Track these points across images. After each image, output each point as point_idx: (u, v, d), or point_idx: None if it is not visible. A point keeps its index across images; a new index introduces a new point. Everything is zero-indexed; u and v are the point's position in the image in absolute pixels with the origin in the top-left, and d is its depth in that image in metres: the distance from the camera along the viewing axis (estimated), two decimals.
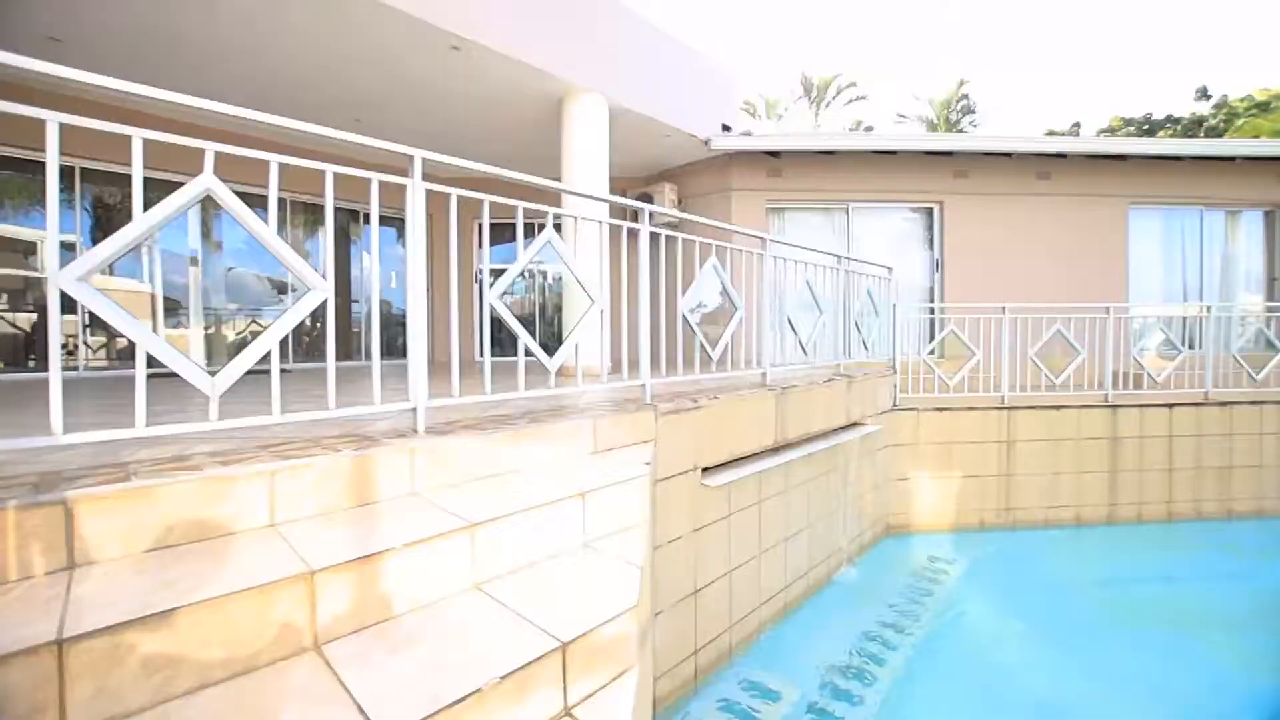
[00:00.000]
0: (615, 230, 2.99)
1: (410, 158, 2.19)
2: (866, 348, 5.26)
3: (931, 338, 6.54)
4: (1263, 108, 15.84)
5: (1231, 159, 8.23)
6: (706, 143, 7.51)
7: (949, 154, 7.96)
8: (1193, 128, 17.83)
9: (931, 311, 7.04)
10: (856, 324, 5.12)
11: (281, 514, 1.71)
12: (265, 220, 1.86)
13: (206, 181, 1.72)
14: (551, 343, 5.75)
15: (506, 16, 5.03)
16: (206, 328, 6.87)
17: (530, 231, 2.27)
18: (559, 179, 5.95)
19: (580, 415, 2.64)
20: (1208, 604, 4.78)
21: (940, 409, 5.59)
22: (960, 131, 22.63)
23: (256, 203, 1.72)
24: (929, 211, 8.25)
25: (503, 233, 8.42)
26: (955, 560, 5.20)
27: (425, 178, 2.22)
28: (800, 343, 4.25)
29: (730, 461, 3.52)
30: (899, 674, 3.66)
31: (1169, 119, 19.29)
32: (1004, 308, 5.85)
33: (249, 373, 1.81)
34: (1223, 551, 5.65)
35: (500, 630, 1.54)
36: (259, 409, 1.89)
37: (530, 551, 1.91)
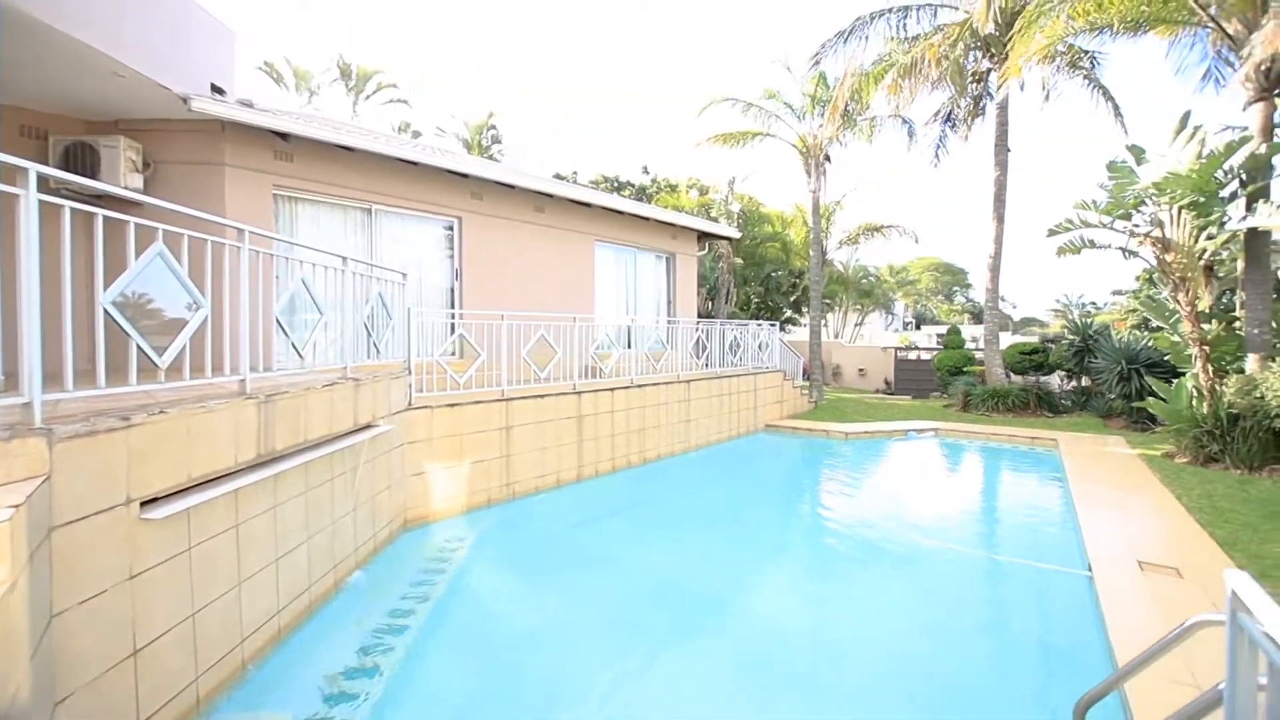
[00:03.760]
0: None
1: None
2: (379, 350, 5.36)
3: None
4: (672, 189, 23.78)
5: (648, 219, 12.00)
6: (185, 101, 6.14)
7: (466, 175, 8.84)
8: (640, 194, 25.08)
9: (452, 316, 7.71)
10: (367, 327, 5.15)
11: None
12: None
13: None
14: None
15: None
16: None
17: None
18: None
19: None
20: (640, 525, 6.89)
21: (452, 405, 6.20)
22: (490, 157, 25.36)
23: None
24: (451, 224, 8.98)
25: None
26: (465, 538, 5.88)
27: None
28: (294, 346, 3.99)
29: (193, 485, 3.02)
30: (407, 654, 3.89)
31: (628, 183, 26.54)
32: (503, 315, 6.93)
33: None
34: (644, 486, 8.24)
35: None
36: None
37: None
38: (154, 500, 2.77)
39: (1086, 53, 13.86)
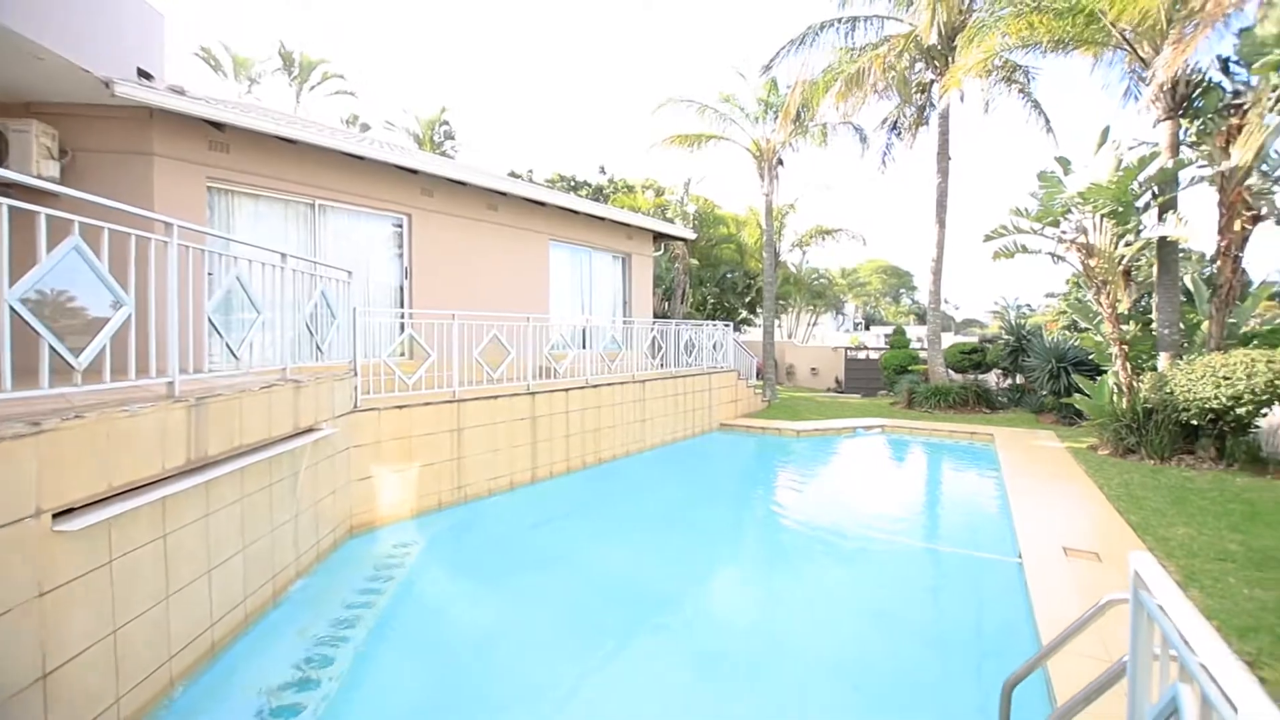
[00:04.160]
0: None
1: None
2: (321, 350, 5.17)
3: None
4: (629, 189, 23.82)
5: (604, 219, 11.99)
6: (108, 85, 5.77)
7: (415, 171, 8.63)
8: (596, 193, 25.04)
9: (401, 316, 7.51)
10: (309, 326, 4.96)
11: None
12: None
13: None
14: None
15: None
16: None
17: None
18: None
19: None
20: (596, 525, 6.86)
21: (401, 406, 6.03)
22: (443, 153, 24.81)
23: None
24: (401, 221, 8.74)
25: None
26: (415, 542, 5.73)
27: None
28: (229, 346, 3.81)
29: (114, 495, 2.84)
30: (353, 664, 3.77)
31: (585, 183, 26.44)
32: (454, 315, 6.80)
33: None
34: (599, 486, 8.22)
35: None
36: None
37: None
38: (69, 511, 2.59)
39: (1020, 68, 14.67)
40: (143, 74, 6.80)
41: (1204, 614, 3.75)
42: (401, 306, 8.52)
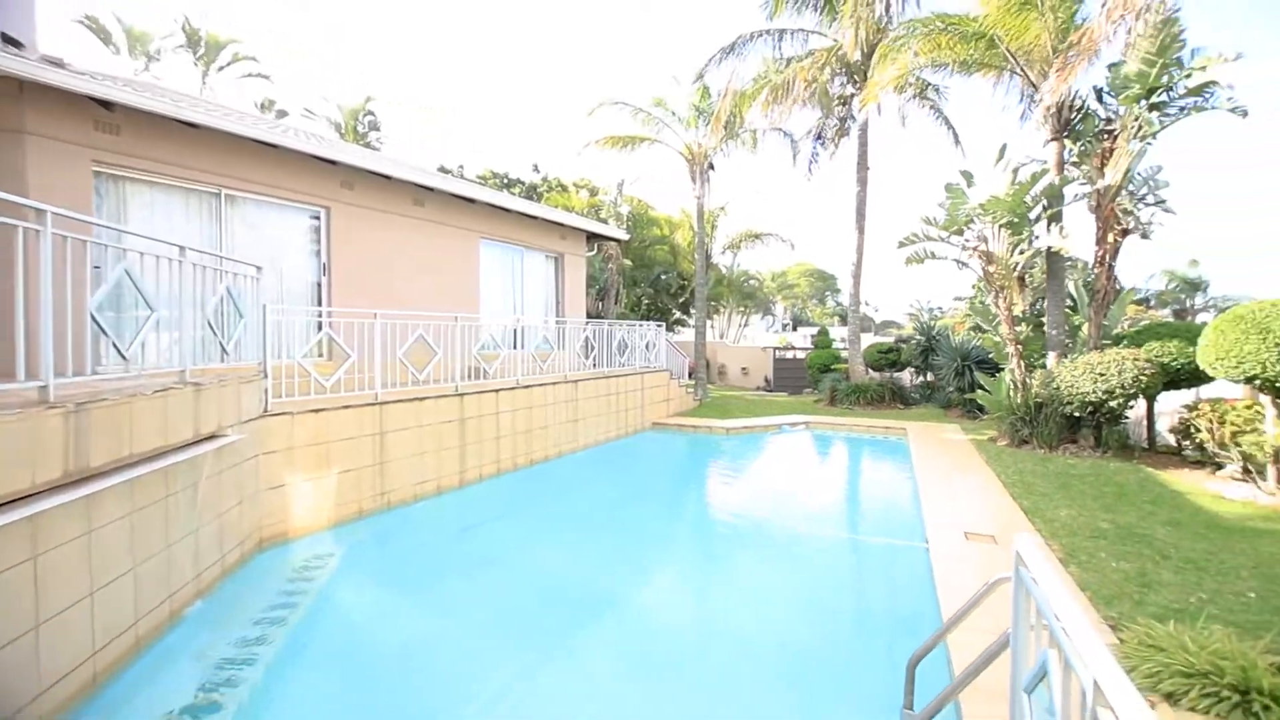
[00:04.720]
0: None
1: None
2: (228, 351, 4.82)
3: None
4: (562, 189, 23.63)
5: (536, 218, 11.85)
6: None
7: (334, 162, 8.19)
8: (529, 192, 24.66)
9: (318, 314, 7.11)
10: (212, 325, 4.61)
11: None
12: None
13: None
14: None
15: None
16: None
17: None
18: None
19: None
20: (527, 528, 6.75)
21: (316, 410, 5.71)
22: (366, 144, 23.69)
23: None
24: (318, 214, 8.28)
25: None
26: (333, 553, 5.45)
27: None
28: (115, 346, 3.48)
29: None
30: (260, 686, 3.55)
31: (518, 180, 25.97)
32: (376, 314, 6.52)
33: None
34: (531, 488, 8.11)
35: None
36: None
37: None
38: None
39: (932, 86, 15.71)
40: (10, 41, 6.11)
41: (1080, 586, 4.17)
42: (319, 305, 8.07)
